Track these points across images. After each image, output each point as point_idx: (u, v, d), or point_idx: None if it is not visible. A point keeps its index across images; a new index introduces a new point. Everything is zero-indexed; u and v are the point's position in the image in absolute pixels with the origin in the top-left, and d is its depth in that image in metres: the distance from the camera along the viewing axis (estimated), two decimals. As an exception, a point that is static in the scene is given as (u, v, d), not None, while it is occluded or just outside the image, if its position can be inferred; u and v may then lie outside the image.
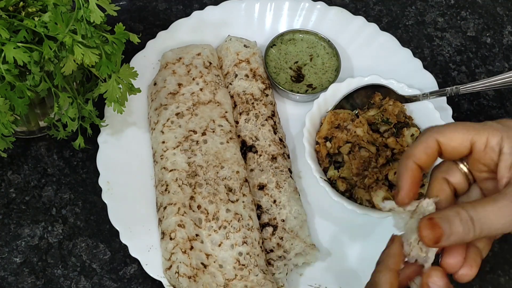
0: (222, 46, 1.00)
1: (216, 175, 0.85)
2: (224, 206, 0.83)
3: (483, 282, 0.85)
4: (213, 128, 0.89)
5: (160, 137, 0.88)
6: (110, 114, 0.90)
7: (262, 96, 0.94)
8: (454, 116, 0.95)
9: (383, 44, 1.02)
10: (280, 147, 0.91)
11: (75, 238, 0.85)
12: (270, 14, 1.05)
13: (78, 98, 0.81)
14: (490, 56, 1.08)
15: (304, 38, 1.02)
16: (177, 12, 1.08)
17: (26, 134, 0.91)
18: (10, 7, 0.74)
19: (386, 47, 1.02)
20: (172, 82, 0.93)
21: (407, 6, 1.13)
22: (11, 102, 0.72)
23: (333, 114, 0.91)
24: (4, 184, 0.89)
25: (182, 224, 0.80)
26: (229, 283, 0.78)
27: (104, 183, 0.86)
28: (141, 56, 0.98)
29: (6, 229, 0.86)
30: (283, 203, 0.85)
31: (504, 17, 1.12)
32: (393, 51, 1.02)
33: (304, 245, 0.83)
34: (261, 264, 0.80)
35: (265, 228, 0.84)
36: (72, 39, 0.72)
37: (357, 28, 1.03)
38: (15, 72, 0.71)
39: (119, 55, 0.77)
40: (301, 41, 1.01)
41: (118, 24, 0.76)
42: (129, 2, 1.09)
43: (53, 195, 0.89)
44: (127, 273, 0.84)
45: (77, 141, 0.85)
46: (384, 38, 1.03)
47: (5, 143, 0.78)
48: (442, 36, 1.09)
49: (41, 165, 0.91)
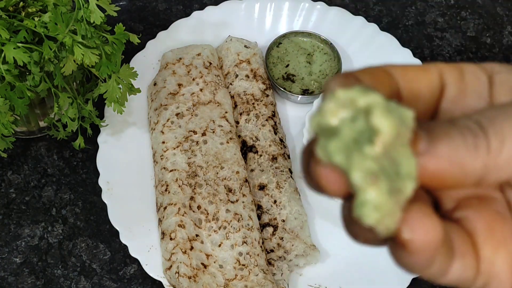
0: (222, 46, 1.00)
1: (216, 176, 0.85)
2: (224, 206, 0.83)
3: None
4: (213, 129, 0.89)
5: (160, 137, 0.88)
6: (110, 114, 0.90)
7: (262, 97, 0.94)
8: (454, 116, 0.95)
9: (383, 44, 1.02)
10: (281, 147, 0.91)
11: (75, 238, 0.85)
12: (270, 14, 1.05)
13: (78, 98, 0.81)
14: (490, 56, 1.08)
15: (305, 40, 1.02)
16: (177, 12, 1.08)
17: (26, 134, 0.91)
18: (10, 7, 0.74)
19: (386, 47, 1.02)
20: (172, 82, 0.93)
21: (407, 6, 1.13)
22: (11, 102, 0.72)
23: (333, 114, 0.91)
24: (4, 184, 0.89)
25: (182, 224, 0.80)
26: (229, 283, 0.78)
27: (104, 183, 0.86)
28: (141, 56, 0.98)
29: (6, 229, 0.86)
30: (284, 203, 0.85)
31: (504, 17, 1.12)
32: (393, 51, 1.02)
33: (305, 246, 0.83)
34: (261, 264, 0.80)
35: (265, 228, 0.84)
36: (72, 39, 0.72)
37: (357, 28, 1.03)
38: (15, 72, 0.71)
39: (119, 56, 0.77)
40: (302, 43, 1.01)
41: (118, 24, 0.76)
42: (129, 2, 1.09)
43: (53, 195, 0.89)
44: (127, 273, 0.84)
45: (77, 141, 0.85)
46: (384, 38, 1.03)
47: (5, 143, 0.78)
48: (442, 36, 1.09)
49: (41, 165, 0.91)
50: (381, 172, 0.26)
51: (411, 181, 0.27)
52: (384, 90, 0.31)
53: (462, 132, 0.28)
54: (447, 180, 0.29)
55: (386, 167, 0.26)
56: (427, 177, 0.29)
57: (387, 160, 0.26)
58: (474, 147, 0.28)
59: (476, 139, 0.28)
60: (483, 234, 0.31)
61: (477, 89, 0.33)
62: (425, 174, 0.28)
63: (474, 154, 0.28)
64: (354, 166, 0.26)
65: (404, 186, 0.27)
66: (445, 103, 0.33)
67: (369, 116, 0.26)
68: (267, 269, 0.80)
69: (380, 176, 0.26)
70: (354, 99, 0.26)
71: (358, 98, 0.26)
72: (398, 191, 0.26)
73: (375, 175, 0.25)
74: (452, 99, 0.33)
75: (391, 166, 0.26)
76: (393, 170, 0.26)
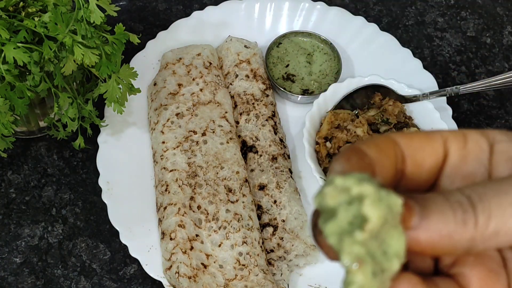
0: (222, 46, 1.00)
1: (216, 176, 0.85)
2: (224, 206, 0.83)
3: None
4: (213, 129, 0.89)
5: (160, 137, 0.88)
6: (110, 114, 0.90)
7: (262, 97, 0.94)
8: (454, 116, 0.95)
9: (383, 44, 1.02)
10: (281, 147, 0.91)
11: (75, 238, 0.85)
12: (270, 14, 1.05)
13: (78, 98, 0.81)
14: (490, 56, 1.08)
15: (305, 40, 1.01)
16: (177, 12, 1.08)
17: (26, 134, 0.91)
18: (10, 7, 0.74)
19: (386, 47, 1.02)
20: (172, 82, 0.93)
21: (407, 6, 1.13)
22: (11, 102, 0.72)
23: (333, 114, 0.91)
24: (4, 184, 0.89)
25: (182, 224, 0.80)
26: (229, 283, 0.78)
27: (104, 183, 0.86)
28: (141, 56, 0.98)
29: (6, 229, 0.86)
30: (284, 203, 0.85)
31: (504, 17, 1.12)
32: (393, 51, 1.02)
33: (305, 246, 0.83)
34: (261, 264, 0.80)
35: (265, 228, 0.84)
36: (72, 39, 0.72)
37: (357, 28, 1.03)
38: (15, 72, 0.71)
39: (119, 56, 0.77)
40: (302, 43, 1.01)
41: (118, 24, 0.76)
42: (129, 2, 1.09)
43: (53, 195, 0.89)
44: (127, 273, 0.84)
45: (77, 141, 0.85)
46: (384, 38, 1.03)
47: (5, 143, 0.78)
48: (442, 36, 1.09)
49: (41, 165, 0.91)
50: (368, 255, 0.29)
51: (398, 259, 0.30)
52: (389, 161, 0.35)
53: (453, 208, 0.31)
54: (437, 250, 0.32)
55: (373, 250, 0.30)
56: (419, 248, 0.31)
57: (376, 242, 0.30)
58: (463, 222, 0.31)
59: (465, 215, 0.31)
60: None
61: (478, 157, 0.36)
62: (417, 245, 0.31)
63: (463, 228, 0.31)
64: (344, 251, 0.29)
65: (391, 265, 0.30)
66: (448, 169, 0.36)
67: (361, 204, 0.29)
68: (267, 269, 0.80)
69: (366, 260, 0.29)
70: (349, 187, 0.30)
71: (352, 187, 0.30)
72: (383, 270, 0.30)
73: (361, 259, 0.29)
74: (454, 165, 0.36)
75: (379, 247, 0.30)
76: (381, 250, 0.30)
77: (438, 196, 0.32)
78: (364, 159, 0.34)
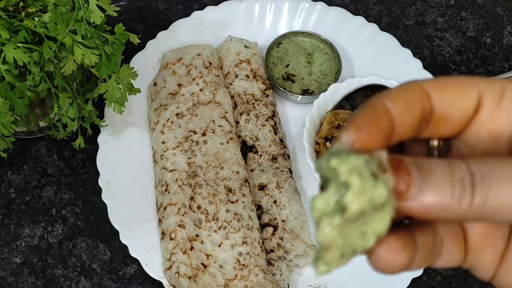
0: (222, 46, 1.00)
1: (216, 176, 0.85)
2: (224, 206, 0.83)
3: (483, 283, 0.85)
4: (213, 129, 0.89)
5: (160, 137, 0.88)
6: (110, 114, 0.90)
7: (262, 97, 0.94)
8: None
9: (383, 44, 1.02)
10: (281, 147, 0.91)
11: (75, 238, 0.85)
12: (270, 14, 1.05)
13: (78, 98, 0.81)
14: (490, 56, 1.08)
15: (305, 40, 1.01)
16: (177, 12, 1.08)
17: (26, 134, 0.91)
18: (10, 7, 0.74)
19: (386, 47, 1.02)
20: (172, 82, 0.93)
21: (407, 6, 1.13)
22: (11, 102, 0.72)
23: (333, 114, 0.91)
24: (4, 184, 0.89)
25: (182, 224, 0.80)
26: (229, 283, 0.78)
27: (104, 183, 0.86)
28: (141, 56, 0.98)
29: (6, 229, 0.86)
30: (284, 203, 0.85)
31: (504, 17, 1.12)
32: (393, 51, 1.02)
33: (305, 246, 0.83)
34: (261, 264, 0.80)
35: (265, 228, 0.84)
36: (72, 39, 0.72)
37: (357, 28, 1.03)
38: (15, 72, 0.71)
39: (119, 56, 0.77)
40: (302, 43, 1.01)
41: (118, 24, 0.76)
42: (129, 2, 1.09)
43: (53, 195, 0.89)
44: (127, 273, 0.84)
45: (77, 141, 0.85)
46: (384, 38, 1.03)
47: (5, 143, 0.78)
48: (442, 36, 1.09)
49: (41, 165, 0.91)
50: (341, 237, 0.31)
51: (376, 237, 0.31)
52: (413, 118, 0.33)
53: (453, 185, 0.31)
54: (427, 218, 0.32)
55: (349, 233, 0.31)
56: (409, 213, 0.32)
57: (356, 225, 0.31)
58: (458, 200, 0.31)
59: (462, 194, 0.31)
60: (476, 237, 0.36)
61: (509, 117, 0.34)
62: (408, 212, 0.32)
63: (457, 205, 0.31)
64: (320, 230, 0.31)
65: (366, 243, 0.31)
66: (475, 124, 0.35)
67: (346, 191, 0.30)
68: (267, 269, 0.80)
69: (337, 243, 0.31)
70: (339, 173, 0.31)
71: (342, 174, 0.30)
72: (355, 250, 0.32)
73: (332, 242, 0.31)
74: (483, 121, 0.35)
75: (358, 228, 0.31)
76: (360, 231, 0.31)
77: (443, 169, 0.32)
78: (381, 124, 0.32)
